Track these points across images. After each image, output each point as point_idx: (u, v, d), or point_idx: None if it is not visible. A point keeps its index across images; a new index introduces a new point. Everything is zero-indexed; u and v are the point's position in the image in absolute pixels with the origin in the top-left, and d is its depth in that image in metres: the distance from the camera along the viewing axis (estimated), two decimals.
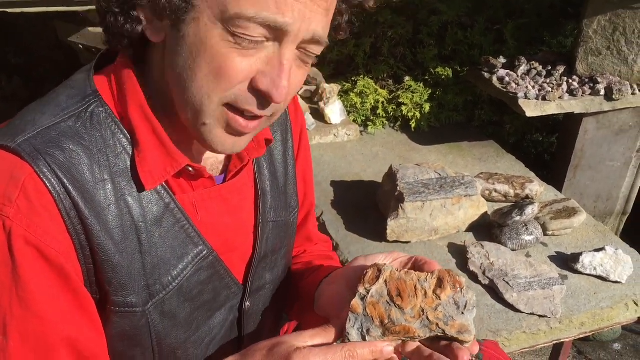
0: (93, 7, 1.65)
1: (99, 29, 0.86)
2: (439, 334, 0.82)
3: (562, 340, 1.74)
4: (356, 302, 0.82)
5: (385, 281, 0.84)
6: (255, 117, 0.81)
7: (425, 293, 0.83)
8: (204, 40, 0.74)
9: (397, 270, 0.85)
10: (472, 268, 1.81)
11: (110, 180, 0.80)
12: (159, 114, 0.84)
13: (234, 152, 0.88)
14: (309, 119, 2.59)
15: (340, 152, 2.59)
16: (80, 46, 1.84)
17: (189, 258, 0.90)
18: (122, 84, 0.84)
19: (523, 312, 1.67)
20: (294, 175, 1.12)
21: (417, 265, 0.89)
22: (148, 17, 0.78)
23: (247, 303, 1.04)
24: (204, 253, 0.92)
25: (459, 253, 1.91)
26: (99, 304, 0.84)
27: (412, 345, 0.83)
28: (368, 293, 0.83)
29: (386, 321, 0.81)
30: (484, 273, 1.79)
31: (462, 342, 0.82)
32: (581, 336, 1.75)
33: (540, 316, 1.67)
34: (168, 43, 0.79)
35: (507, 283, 1.73)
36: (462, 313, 0.82)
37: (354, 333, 0.81)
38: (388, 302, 0.82)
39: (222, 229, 0.95)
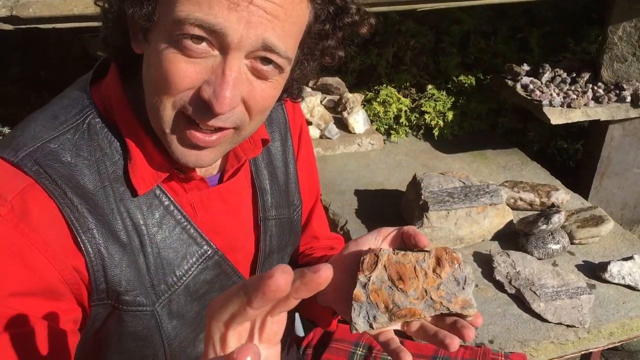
0: None
1: None
2: (443, 312, 0.82)
3: (590, 351, 1.72)
4: (358, 290, 0.82)
5: (384, 266, 0.83)
6: (215, 131, 0.82)
7: (426, 273, 0.83)
8: (157, 49, 0.77)
9: (394, 253, 0.85)
10: (498, 277, 1.81)
11: (110, 186, 0.84)
12: (148, 123, 0.86)
13: (199, 166, 0.88)
14: (333, 128, 2.61)
15: (364, 161, 2.60)
16: None
17: (193, 258, 0.92)
18: (110, 96, 0.87)
19: (550, 322, 1.66)
20: (295, 174, 1.12)
21: (406, 238, 0.88)
22: (133, 30, 0.82)
23: None
24: (209, 252, 0.94)
25: (485, 262, 1.90)
26: (111, 308, 0.86)
27: (416, 325, 0.84)
28: (369, 280, 0.82)
29: (391, 306, 0.81)
30: (510, 282, 1.78)
31: (465, 317, 0.82)
32: (610, 346, 1.73)
33: (568, 326, 1.65)
34: (144, 55, 0.82)
35: (534, 292, 1.72)
36: (463, 288, 0.83)
37: (360, 322, 0.81)
38: (390, 287, 0.82)
39: (224, 229, 0.97)
